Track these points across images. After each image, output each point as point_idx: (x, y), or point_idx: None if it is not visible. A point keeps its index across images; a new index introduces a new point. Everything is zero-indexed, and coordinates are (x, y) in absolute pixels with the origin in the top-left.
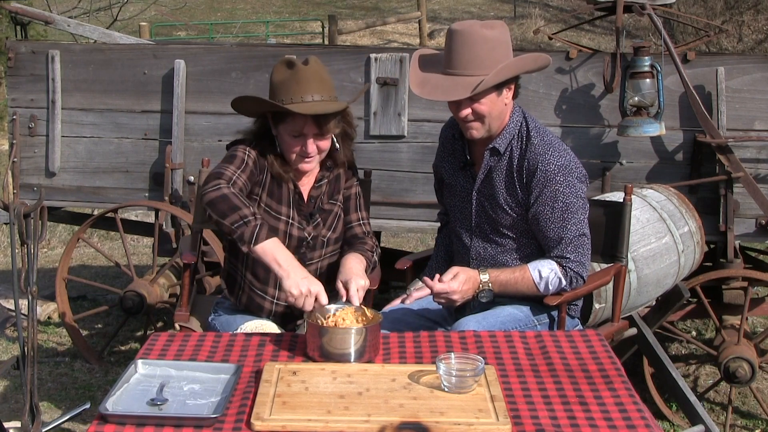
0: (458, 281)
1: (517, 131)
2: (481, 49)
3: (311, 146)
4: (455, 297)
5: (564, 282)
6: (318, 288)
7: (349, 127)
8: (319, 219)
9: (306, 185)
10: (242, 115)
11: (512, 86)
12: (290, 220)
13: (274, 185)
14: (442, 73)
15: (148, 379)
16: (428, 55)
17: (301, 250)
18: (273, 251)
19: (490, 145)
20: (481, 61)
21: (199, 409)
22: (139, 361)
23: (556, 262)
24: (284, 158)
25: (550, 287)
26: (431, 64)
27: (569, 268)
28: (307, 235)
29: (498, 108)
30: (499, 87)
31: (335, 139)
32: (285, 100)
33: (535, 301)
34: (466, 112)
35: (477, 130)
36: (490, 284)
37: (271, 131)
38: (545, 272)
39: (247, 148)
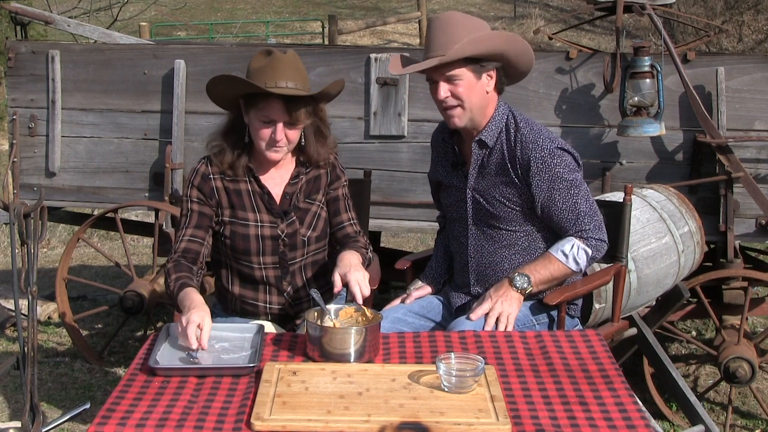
0: (486, 297)
1: (504, 124)
2: (455, 29)
3: (280, 133)
4: (504, 305)
5: (590, 251)
6: (196, 318)
7: (321, 123)
8: (295, 217)
9: (279, 183)
10: (217, 105)
11: (492, 74)
12: (259, 223)
13: (233, 196)
14: (423, 59)
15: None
16: (407, 56)
17: (279, 249)
18: (180, 303)
19: (477, 138)
20: (454, 40)
21: (235, 362)
22: (171, 325)
23: (578, 237)
24: (250, 149)
25: (579, 260)
26: (413, 60)
27: (591, 237)
28: (280, 232)
29: (477, 94)
30: (475, 67)
31: (303, 134)
32: (259, 83)
33: (535, 300)
34: (445, 93)
35: (458, 117)
36: (517, 270)
37: (242, 122)
38: (567, 249)
39: (189, 190)
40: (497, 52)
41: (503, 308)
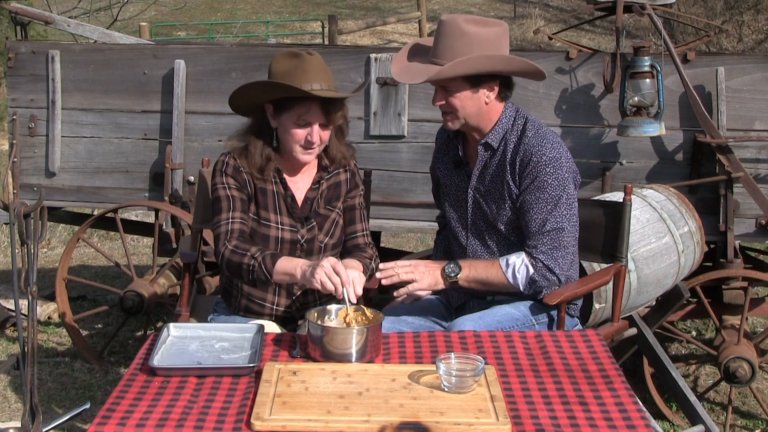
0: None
1: (510, 125)
2: (456, 41)
3: (316, 135)
4: (419, 266)
5: (532, 270)
6: (331, 262)
7: (344, 122)
8: (314, 223)
9: (301, 188)
10: (237, 113)
11: (494, 86)
12: (279, 226)
13: (259, 194)
14: (425, 61)
15: (181, 340)
16: (422, 45)
17: (296, 253)
18: (284, 270)
19: (483, 141)
20: (453, 53)
21: (235, 362)
22: (171, 325)
23: (526, 252)
24: (277, 153)
25: (518, 275)
26: (421, 54)
27: (538, 258)
28: (300, 237)
29: (474, 105)
30: (473, 84)
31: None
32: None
33: (534, 300)
34: (439, 101)
35: (451, 122)
36: (457, 261)
37: (267, 126)
38: (512, 259)
39: (224, 178)
40: (492, 72)
41: (413, 277)
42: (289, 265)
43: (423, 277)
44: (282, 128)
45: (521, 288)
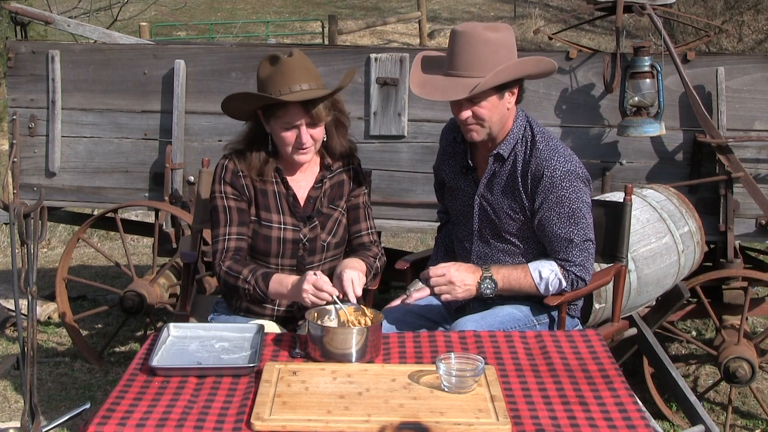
0: (454, 265)
1: (521, 136)
2: (482, 50)
3: (305, 136)
4: (454, 281)
5: (564, 283)
6: (311, 282)
7: (341, 114)
8: (317, 222)
9: (304, 186)
10: (233, 118)
11: (515, 90)
12: (282, 225)
13: (259, 195)
14: (443, 74)
15: (181, 340)
16: (431, 57)
17: (298, 253)
18: (276, 292)
19: (494, 151)
20: (481, 63)
21: (235, 362)
22: (171, 325)
23: (558, 264)
24: (275, 156)
25: (551, 288)
26: (434, 66)
27: (571, 271)
28: (302, 236)
29: (499, 112)
30: (500, 90)
31: (325, 129)
32: (273, 93)
33: (535, 300)
34: (467, 114)
35: (477, 133)
36: (491, 273)
37: (263, 131)
38: (545, 273)
39: (222, 186)
40: (523, 76)
41: (452, 281)
42: (280, 287)
43: (458, 295)
44: (273, 133)
45: (547, 294)
